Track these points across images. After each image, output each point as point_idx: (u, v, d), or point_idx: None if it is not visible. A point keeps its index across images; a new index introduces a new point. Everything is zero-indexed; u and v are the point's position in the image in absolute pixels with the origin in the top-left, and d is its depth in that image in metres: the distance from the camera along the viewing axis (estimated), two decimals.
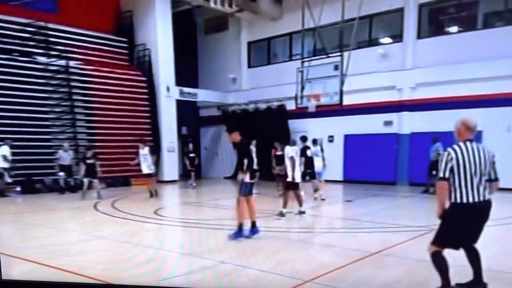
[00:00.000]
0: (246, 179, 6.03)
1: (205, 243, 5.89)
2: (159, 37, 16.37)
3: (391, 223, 7.54)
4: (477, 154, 3.55)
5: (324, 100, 12.99)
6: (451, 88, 12.95)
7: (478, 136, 11.18)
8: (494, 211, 3.62)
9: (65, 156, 12.85)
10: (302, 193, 10.15)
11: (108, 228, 7.49)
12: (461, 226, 3.59)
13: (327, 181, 12.77)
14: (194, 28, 20.20)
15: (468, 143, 3.59)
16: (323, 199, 10.53)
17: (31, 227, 7.74)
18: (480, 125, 3.80)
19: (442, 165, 3.57)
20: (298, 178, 8.23)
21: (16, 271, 4.53)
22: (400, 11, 14.81)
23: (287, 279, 4.33)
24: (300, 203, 8.32)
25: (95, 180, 11.28)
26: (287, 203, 8.04)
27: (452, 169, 3.54)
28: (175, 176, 16.77)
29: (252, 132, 14.51)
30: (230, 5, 16.43)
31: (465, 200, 3.51)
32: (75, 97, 14.52)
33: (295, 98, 13.58)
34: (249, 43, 19.01)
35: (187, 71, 19.00)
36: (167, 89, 16.62)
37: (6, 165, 11.68)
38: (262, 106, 17.54)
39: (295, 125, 16.20)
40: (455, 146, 3.60)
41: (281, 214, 7.95)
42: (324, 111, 14.13)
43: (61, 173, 12.75)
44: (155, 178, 12.19)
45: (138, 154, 11.31)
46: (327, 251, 5.71)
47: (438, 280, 3.64)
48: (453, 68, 12.81)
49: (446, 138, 3.85)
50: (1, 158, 11.65)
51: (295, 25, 14.79)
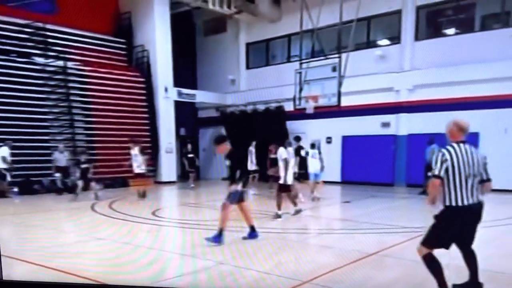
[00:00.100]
0: (238, 188, 6.00)
1: (204, 244, 5.89)
2: (158, 39, 16.38)
3: (389, 224, 7.58)
4: (470, 156, 3.53)
5: (322, 102, 13.02)
6: (449, 90, 13.01)
7: (475, 138, 11.26)
8: (491, 212, 3.65)
9: (61, 158, 12.83)
10: (301, 195, 10.18)
11: (107, 230, 7.49)
12: (455, 229, 3.57)
13: (325, 182, 12.79)
14: (193, 30, 20.22)
15: (462, 145, 3.56)
16: (318, 198, 10.59)
17: (30, 228, 7.74)
18: (478, 127, 3.84)
19: (438, 164, 3.53)
20: (290, 180, 8.28)
21: (16, 272, 4.53)
22: (398, 13, 14.88)
23: (286, 280, 4.36)
24: (294, 203, 8.37)
25: (92, 183, 11.30)
26: (281, 205, 8.09)
27: (447, 170, 3.51)
28: (173, 177, 16.77)
29: (251, 133, 14.55)
30: (229, 7, 16.45)
31: (460, 203, 3.49)
32: (73, 98, 14.51)
33: (293, 100, 13.60)
34: (248, 45, 19.05)
35: (186, 72, 19.02)
36: (166, 90, 16.61)
37: (5, 166, 11.66)
38: (261, 107, 17.54)
39: (293, 126, 16.23)
40: (449, 147, 3.57)
41: (277, 216, 8.00)
42: (322, 113, 14.17)
43: (57, 175, 12.74)
44: (151, 179, 12.13)
45: (131, 155, 11.34)
46: (325, 252, 5.74)
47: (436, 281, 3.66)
48: (451, 70, 12.89)
49: (442, 140, 3.85)
50: (0, 159, 11.64)
51: (294, 27, 14.84)
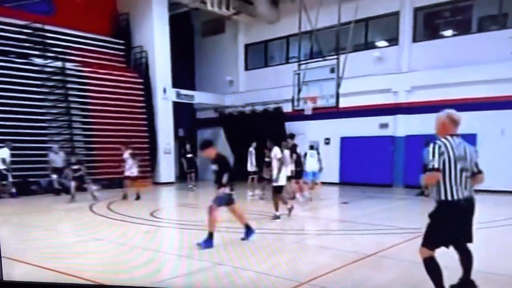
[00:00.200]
0: (226, 191, 5.98)
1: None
2: (156, 40, 16.37)
3: (387, 225, 7.61)
4: (463, 149, 3.46)
5: (321, 103, 13.03)
6: (446, 91, 13.03)
7: (473, 140, 11.29)
8: (487, 213, 3.66)
9: (56, 158, 12.80)
10: (298, 195, 10.19)
11: (105, 230, 7.50)
12: (452, 225, 3.48)
13: (324, 183, 12.80)
14: (191, 31, 20.23)
15: (455, 138, 3.48)
16: (310, 199, 10.61)
17: (29, 229, 7.73)
18: (475, 128, 3.85)
19: (436, 157, 3.39)
20: (283, 181, 8.29)
21: (15, 273, 4.52)
22: (396, 15, 14.94)
23: (284, 281, 4.37)
24: (284, 202, 8.37)
25: (87, 184, 11.30)
26: (278, 206, 8.11)
27: (444, 163, 3.41)
28: (172, 178, 16.77)
29: (249, 135, 14.56)
30: (228, 8, 16.46)
31: (456, 197, 3.41)
32: (72, 99, 14.48)
33: (292, 101, 13.62)
34: (246, 46, 19.08)
35: (184, 73, 19.01)
36: (164, 91, 16.61)
37: (5, 167, 11.65)
38: (259, 108, 17.57)
39: (292, 127, 16.23)
40: (444, 140, 3.46)
41: (276, 217, 8.02)
42: (321, 114, 14.19)
43: (54, 176, 12.72)
44: (149, 181, 12.18)
45: (123, 158, 11.54)
46: (323, 253, 5.74)
47: None
48: (448, 71, 12.94)
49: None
50: (0, 161, 11.62)
51: (292, 28, 14.86)
